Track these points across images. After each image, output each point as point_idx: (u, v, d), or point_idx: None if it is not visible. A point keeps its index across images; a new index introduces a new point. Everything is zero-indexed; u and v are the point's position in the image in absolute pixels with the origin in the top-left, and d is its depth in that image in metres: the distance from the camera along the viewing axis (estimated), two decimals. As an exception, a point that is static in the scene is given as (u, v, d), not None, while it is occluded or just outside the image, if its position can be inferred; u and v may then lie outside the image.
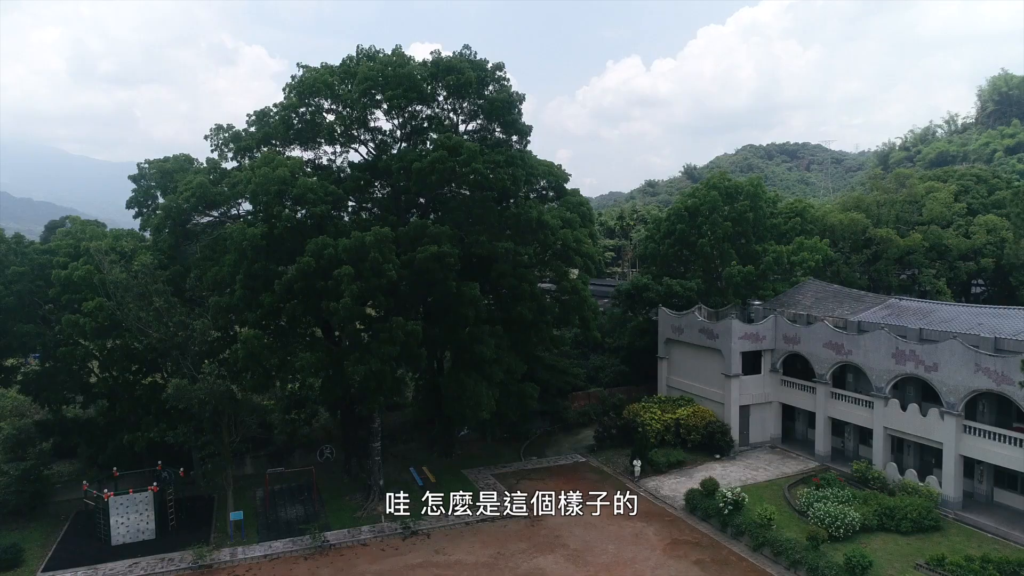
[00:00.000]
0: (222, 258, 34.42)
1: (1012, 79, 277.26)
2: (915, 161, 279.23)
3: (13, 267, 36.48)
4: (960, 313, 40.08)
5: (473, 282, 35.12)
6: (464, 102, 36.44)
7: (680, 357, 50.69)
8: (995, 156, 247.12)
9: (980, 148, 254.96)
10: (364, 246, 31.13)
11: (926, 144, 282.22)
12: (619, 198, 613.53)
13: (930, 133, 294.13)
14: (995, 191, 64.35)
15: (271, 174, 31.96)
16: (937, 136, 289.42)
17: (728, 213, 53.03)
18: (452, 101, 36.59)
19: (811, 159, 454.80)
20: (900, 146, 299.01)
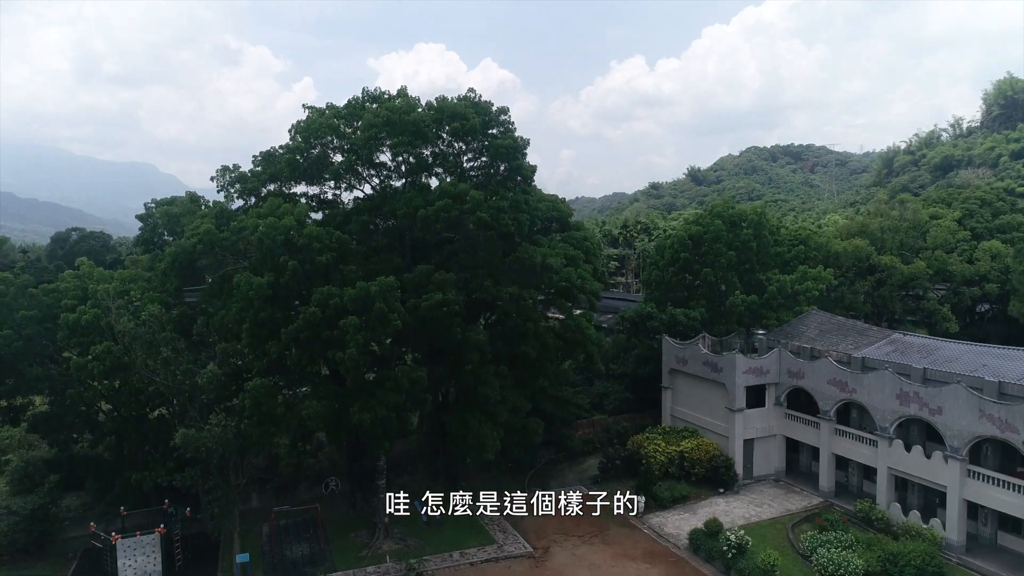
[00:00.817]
0: (228, 301, 34.69)
1: (1017, 83, 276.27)
2: (920, 165, 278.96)
3: (22, 311, 36.76)
4: (964, 352, 40.12)
5: (478, 326, 35.25)
6: (469, 147, 36.63)
7: (684, 387, 50.80)
8: (1000, 161, 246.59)
9: (985, 152, 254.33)
10: (370, 296, 31.33)
11: (931, 148, 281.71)
12: (622, 199, 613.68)
13: (935, 137, 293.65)
14: (1000, 215, 64.30)
15: (277, 224, 32.18)
16: (942, 140, 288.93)
17: (731, 241, 53.10)
18: (457, 144, 36.74)
19: (815, 161, 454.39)
20: (904, 150, 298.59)
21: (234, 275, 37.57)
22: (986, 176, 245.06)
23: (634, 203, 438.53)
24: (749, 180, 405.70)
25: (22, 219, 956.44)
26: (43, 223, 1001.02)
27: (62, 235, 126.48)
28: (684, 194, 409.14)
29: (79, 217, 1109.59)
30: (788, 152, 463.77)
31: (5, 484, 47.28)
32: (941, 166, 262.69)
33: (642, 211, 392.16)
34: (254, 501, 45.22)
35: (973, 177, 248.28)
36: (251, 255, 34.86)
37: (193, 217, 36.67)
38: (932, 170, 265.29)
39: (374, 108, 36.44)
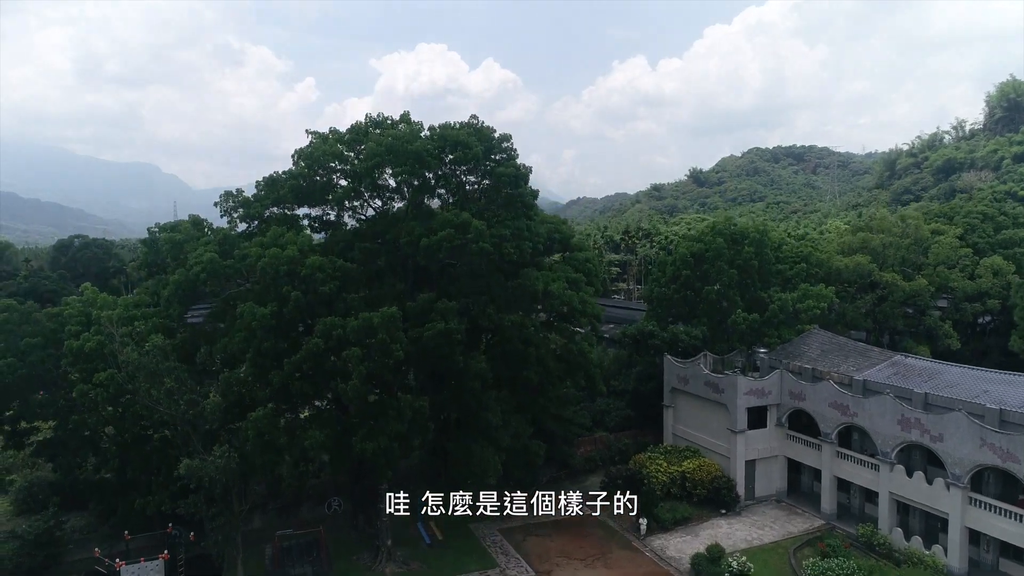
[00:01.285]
0: (232, 327, 34.86)
1: (1020, 85, 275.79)
2: (922, 168, 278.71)
3: (26, 339, 36.92)
4: (965, 377, 40.17)
5: (479, 353, 35.35)
6: (471, 175, 36.78)
7: (686, 406, 50.89)
8: (1003, 164, 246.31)
9: (988, 155, 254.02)
10: (372, 327, 31.46)
11: (933, 151, 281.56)
12: (624, 200, 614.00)
13: (937, 139, 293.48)
14: (1002, 229, 64.27)
15: (280, 254, 32.34)
16: (944, 143, 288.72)
17: (733, 259, 53.16)
18: (461, 172, 36.87)
19: (817, 162, 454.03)
20: (907, 152, 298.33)
21: (238, 297, 37.85)
22: (989, 179, 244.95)
23: (636, 204, 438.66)
24: (751, 182, 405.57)
25: (24, 219, 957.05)
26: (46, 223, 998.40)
27: (65, 242, 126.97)
28: (686, 195, 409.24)
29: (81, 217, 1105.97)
30: (790, 153, 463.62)
31: (9, 504, 47.54)
32: (943, 169, 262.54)
33: (644, 213, 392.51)
34: (257, 522, 45.34)
35: (976, 180, 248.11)
36: (254, 279, 35.02)
37: (197, 244, 36.79)
38: (934, 173, 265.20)
39: (377, 134, 36.56)
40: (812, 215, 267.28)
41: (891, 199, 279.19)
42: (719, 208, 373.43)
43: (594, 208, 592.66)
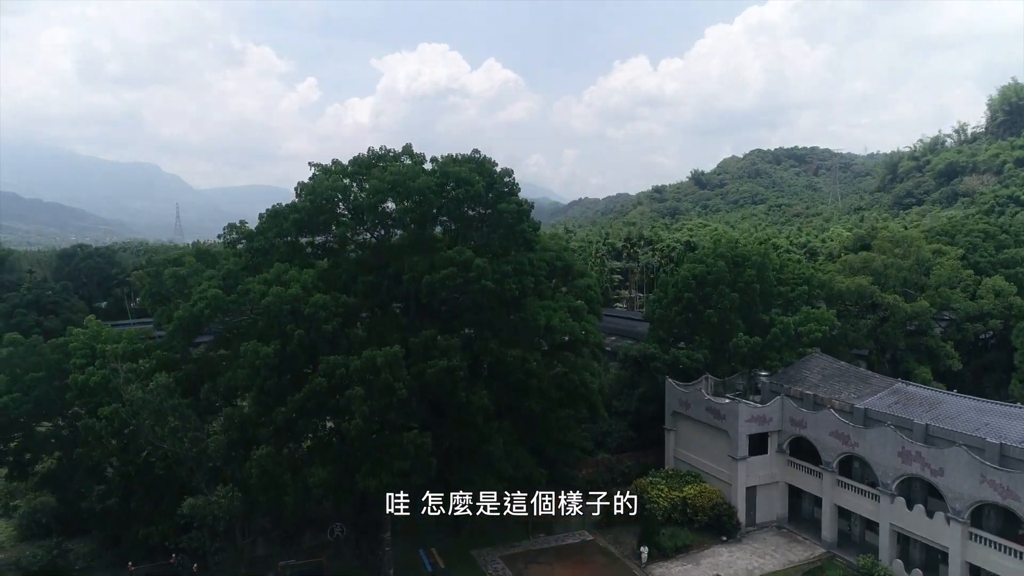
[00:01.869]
0: (235, 359, 35.08)
1: (1022, 89, 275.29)
2: (924, 171, 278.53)
3: (31, 373, 37.13)
4: (966, 408, 40.27)
5: (482, 389, 35.50)
6: (474, 208, 36.96)
7: (687, 431, 51.05)
8: (1005, 168, 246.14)
9: (990, 159, 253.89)
10: (375, 367, 31.64)
11: (935, 154, 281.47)
12: (626, 200, 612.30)
13: (939, 142, 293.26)
14: (1003, 248, 64.34)
15: (284, 293, 32.51)
16: (946, 146, 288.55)
17: (735, 282, 53.27)
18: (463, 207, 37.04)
19: (819, 164, 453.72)
20: (909, 155, 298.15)
21: (241, 328, 38.04)
22: (991, 183, 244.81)
23: (637, 206, 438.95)
24: (752, 184, 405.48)
25: (27, 220, 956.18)
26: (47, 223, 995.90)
27: (68, 251, 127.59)
28: (687, 197, 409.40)
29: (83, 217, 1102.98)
30: (792, 155, 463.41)
31: (12, 529, 47.78)
32: (945, 172, 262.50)
33: (645, 215, 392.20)
34: (260, 549, 45.50)
35: (978, 184, 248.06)
36: (257, 311, 35.20)
37: (201, 278, 36.98)
38: (936, 176, 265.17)
39: (380, 167, 36.75)
40: (814, 219, 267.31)
41: (893, 202, 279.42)
42: (720, 210, 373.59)
43: (596, 209, 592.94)
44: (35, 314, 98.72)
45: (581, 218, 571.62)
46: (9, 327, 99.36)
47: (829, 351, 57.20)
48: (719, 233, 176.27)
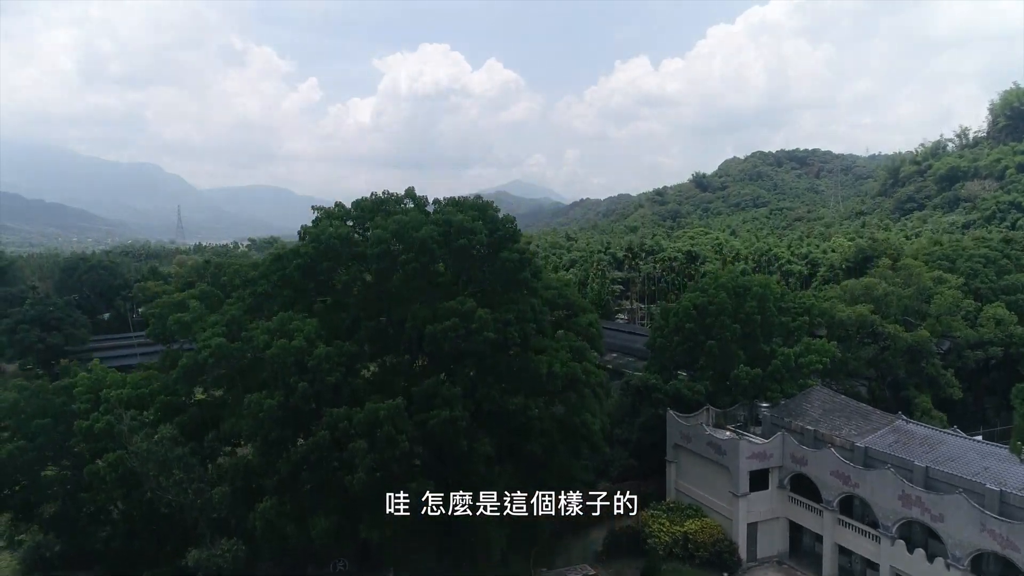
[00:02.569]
0: (238, 404, 35.34)
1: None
2: (925, 176, 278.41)
3: (36, 420, 37.39)
4: (967, 450, 40.41)
5: (484, 437, 35.71)
6: (475, 262, 37.21)
7: (688, 463, 51.24)
8: (1007, 173, 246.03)
9: (991, 164, 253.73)
10: (378, 419, 31.87)
11: (936, 158, 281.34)
12: (628, 202, 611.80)
13: (940, 147, 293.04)
14: (1004, 274, 64.44)
15: (288, 345, 32.76)
16: (948, 150, 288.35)
17: (736, 313, 53.45)
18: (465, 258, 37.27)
19: (821, 166, 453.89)
20: (910, 160, 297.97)
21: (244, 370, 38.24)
22: (992, 189, 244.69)
23: (639, 208, 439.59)
24: (754, 186, 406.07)
25: (29, 220, 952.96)
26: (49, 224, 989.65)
27: (71, 263, 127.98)
28: (689, 200, 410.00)
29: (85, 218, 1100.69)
30: (793, 157, 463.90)
31: (17, 563, 48.05)
32: (947, 177, 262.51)
33: (646, 217, 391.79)
34: (263, 583, 45.87)
35: (979, 189, 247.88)
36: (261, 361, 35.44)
37: (205, 324, 37.21)
38: (938, 181, 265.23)
39: (384, 215, 36.98)
40: (815, 223, 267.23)
41: (894, 207, 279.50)
42: (722, 213, 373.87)
43: (597, 211, 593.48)
44: (38, 330, 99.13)
45: (582, 219, 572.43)
46: (12, 343, 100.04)
47: (830, 378, 57.46)
48: (720, 242, 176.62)
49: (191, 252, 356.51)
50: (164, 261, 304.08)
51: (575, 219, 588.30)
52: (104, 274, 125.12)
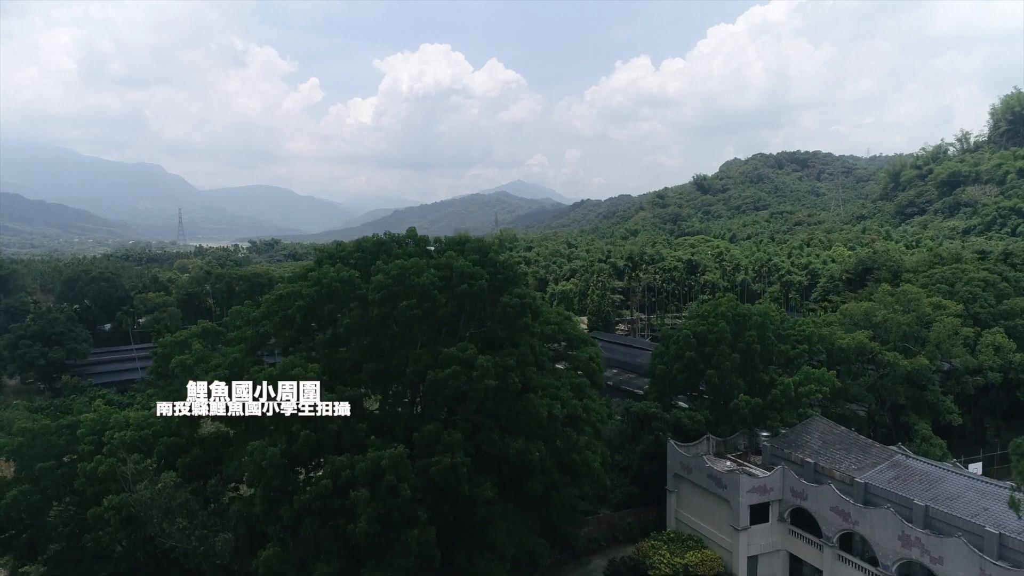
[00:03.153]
0: (241, 449, 35.53)
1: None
2: (926, 180, 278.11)
3: (39, 464, 37.59)
4: (967, 489, 40.56)
5: (486, 482, 35.87)
6: (476, 306, 37.37)
7: (689, 493, 51.40)
8: (1008, 178, 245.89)
9: (992, 169, 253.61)
10: (380, 468, 32.06)
11: (938, 163, 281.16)
12: (629, 202, 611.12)
13: (941, 151, 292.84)
14: (1003, 299, 64.56)
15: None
16: (949, 154, 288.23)
17: (735, 342, 53.63)
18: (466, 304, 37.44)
19: (821, 168, 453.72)
20: (912, 164, 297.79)
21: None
22: (993, 194, 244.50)
23: (639, 211, 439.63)
24: (755, 189, 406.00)
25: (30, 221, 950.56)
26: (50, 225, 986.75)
27: (73, 276, 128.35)
28: (690, 203, 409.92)
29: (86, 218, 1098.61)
30: (794, 159, 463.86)
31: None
32: (948, 182, 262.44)
33: (647, 220, 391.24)
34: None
35: (980, 194, 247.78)
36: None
37: (207, 366, 37.39)
38: (939, 186, 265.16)
39: (385, 260, 37.16)
40: (816, 228, 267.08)
41: (895, 211, 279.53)
42: (722, 216, 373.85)
43: (598, 212, 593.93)
44: (40, 345, 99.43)
45: (583, 221, 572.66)
46: (15, 358, 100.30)
47: (830, 403, 57.59)
48: (721, 250, 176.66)
49: (192, 256, 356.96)
50: (165, 265, 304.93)
51: (576, 220, 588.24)
52: (105, 286, 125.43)
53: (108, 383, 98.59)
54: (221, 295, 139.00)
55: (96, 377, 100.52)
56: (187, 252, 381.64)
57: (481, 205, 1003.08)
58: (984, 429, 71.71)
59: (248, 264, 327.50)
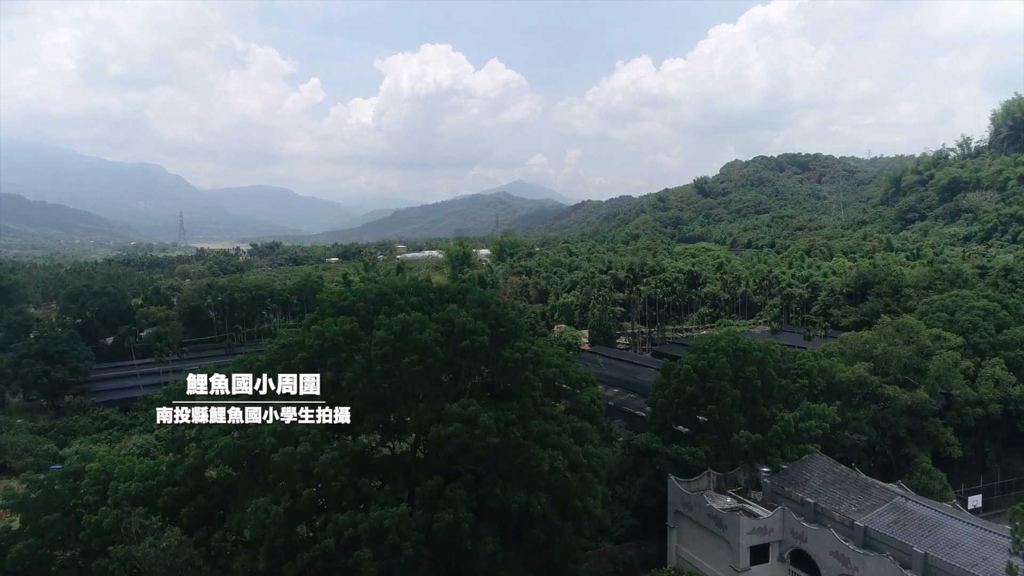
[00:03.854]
0: (244, 502, 35.85)
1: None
2: (927, 186, 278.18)
3: (44, 516, 37.90)
4: (967, 536, 40.80)
5: (488, 536, 36.13)
6: (477, 359, 37.68)
7: (689, 530, 51.68)
8: (1008, 184, 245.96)
9: (993, 175, 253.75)
10: (383, 528, 32.34)
11: (938, 168, 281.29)
12: (629, 204, 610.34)
13: (942, 156, 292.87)
14: (1003, 328, 64.79)
15: (293, 452, 33.21)
16: (950, 160, 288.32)
17: (736, 378, 53.87)
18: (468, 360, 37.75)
19: (822, 170, 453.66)
20: (912, 169, 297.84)
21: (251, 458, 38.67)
22: (994, 200, 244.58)
23: (640, 215, 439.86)
24: (756, 192, 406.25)
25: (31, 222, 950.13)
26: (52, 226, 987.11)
27: (75, 292, 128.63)
28: (690, 207, 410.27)
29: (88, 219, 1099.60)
30: (795, 161, 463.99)
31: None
32: (948, 188, 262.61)
33: (648, 223, 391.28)
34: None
35: (981, 201, 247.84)
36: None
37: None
38: (939, 191, 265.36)
39: (387, 315, 37.46)
40: (817, 233, 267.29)
41: (896, 216, 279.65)
42: (723, 220, 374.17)
43: (599, 214, 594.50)
44: (43, 363, 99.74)
45: (583, 222, 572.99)
46: (17, 376, 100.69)
47: (831, 439, 57.80)
48: (722, 260, 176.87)
49: (193, 260, 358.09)
50: (167, 271, 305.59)
51: (576, 222, 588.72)
52: (108, 301, 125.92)
53: (110, 401, 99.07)
54: (223, 307, 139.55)
55: (98, 395, 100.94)
56: (188, 257, 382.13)
57: (482, 205, 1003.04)
58: (984, 454, 71.94)
59: (249, 268, 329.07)
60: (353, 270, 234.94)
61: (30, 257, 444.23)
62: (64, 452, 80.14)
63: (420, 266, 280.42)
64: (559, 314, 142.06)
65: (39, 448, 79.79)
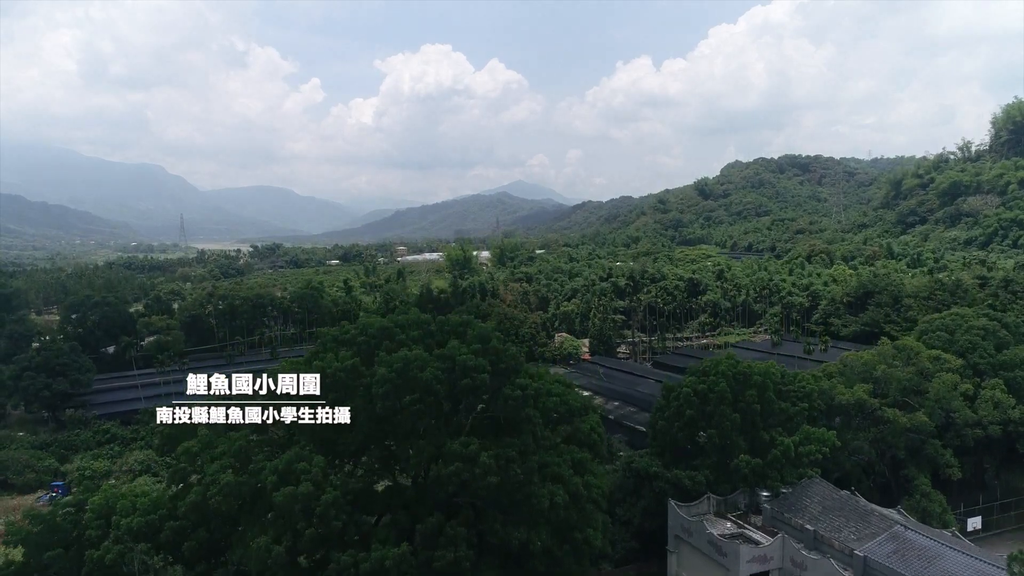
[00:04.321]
0: (246, 535, 36.07)
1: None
2: (928, 190, 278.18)
3: (47, 553, 38.10)
4: (965, 567, 40.95)
5: (488, 570, 36.34)
6: (478, 396, 37.86)
7: (689, 556, 51.84)
8: (1009, 189, 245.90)
9: (994, 179, 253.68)
10: (384, 568, 32.52)
11: (939, 172, 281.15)
12: (630, 204, 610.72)
13: (943, 160, 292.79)
14: (1003, 348, 64.90)
15: (295, 492, 33.38)
16: (950, 163, 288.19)
17: (736, 402, 54.03)
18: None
19: (823, 172, 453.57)
20: (913, 172, 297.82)
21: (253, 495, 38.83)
22: (994, 204, 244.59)
23: (640, 216, 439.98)
24: (756, 194, 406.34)
25: (32, 222, 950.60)
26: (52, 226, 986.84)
27: (77, 303, 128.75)
28: (691, 209, 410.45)
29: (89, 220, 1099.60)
30: (796, 163, 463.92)
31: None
32: (949, 191, 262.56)
33: (648, 226, 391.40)
34: None
35: (981, 205, 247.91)
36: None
37: (213, 453, 37.87)
38: (940, 195, 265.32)
39: (388, 351, 37.64)
40: (817, 237, 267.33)
41: (896, 220, 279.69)
42: (724, 222, 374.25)
43: (599, 215, 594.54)
44: (44, 376, 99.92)
45: (584, 223, 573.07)
46: (19, 389, 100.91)
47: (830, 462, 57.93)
48: (722, 267, 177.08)
49: (194, 263, 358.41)
50: (167, 274, 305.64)
51: (577, 223, 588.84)
52: (109, 311, 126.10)
53: (112, 414, 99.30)
54: (223, 316, 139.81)
55: (99, 408, 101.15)
56: (189, 259, 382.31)
57: (482, 206, 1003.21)
58: (984, 470, 72.07)
59: (250, 271, 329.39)
60: (353, 275, 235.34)
61: (31, 258, 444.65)
62: (65, 468, 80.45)
63: (420, 269, 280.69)
64: (560, 322, 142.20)
65: (40, 464, 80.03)
